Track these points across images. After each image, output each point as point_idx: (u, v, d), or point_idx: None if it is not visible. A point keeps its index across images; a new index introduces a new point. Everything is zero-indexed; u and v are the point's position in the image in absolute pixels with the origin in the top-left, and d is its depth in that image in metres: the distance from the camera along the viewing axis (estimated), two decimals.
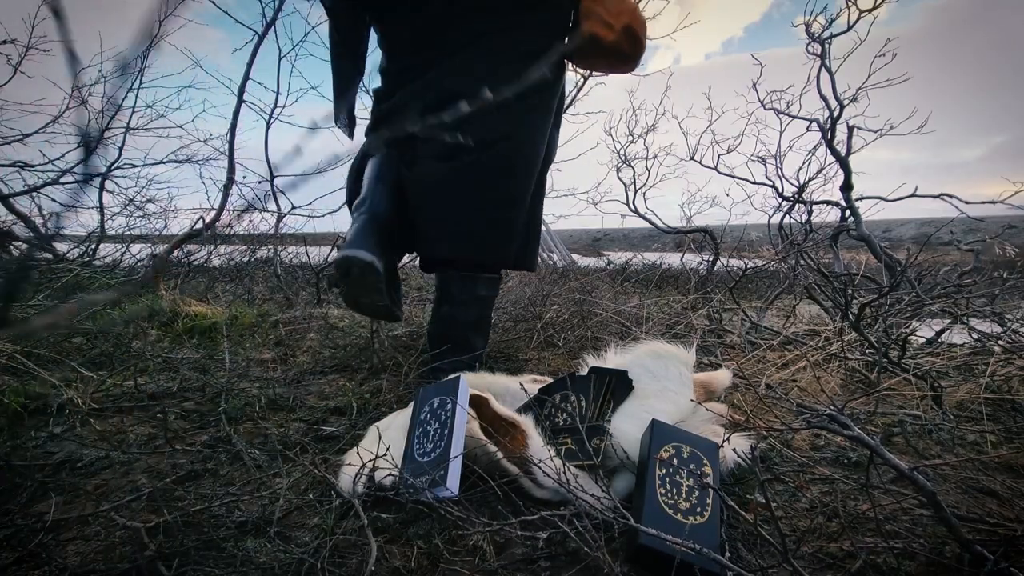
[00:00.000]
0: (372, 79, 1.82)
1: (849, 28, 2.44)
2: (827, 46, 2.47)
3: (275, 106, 3.00)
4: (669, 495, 0.80)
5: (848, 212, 2.57)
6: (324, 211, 3.40)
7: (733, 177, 3.37)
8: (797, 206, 3.06)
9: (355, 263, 1.22)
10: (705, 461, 0.86)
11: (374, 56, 1.57)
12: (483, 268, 1.45)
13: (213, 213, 2.52)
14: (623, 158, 3.88)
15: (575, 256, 6.95)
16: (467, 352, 1.51)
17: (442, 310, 1.49)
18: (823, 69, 2.50)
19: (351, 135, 1.59)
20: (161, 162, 3.55)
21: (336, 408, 1.34)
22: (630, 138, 3.90)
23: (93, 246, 3.21)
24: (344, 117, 1.55)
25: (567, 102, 3.42)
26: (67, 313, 0.27)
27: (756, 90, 2.89)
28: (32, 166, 3.17)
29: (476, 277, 1.45)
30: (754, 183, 3.31)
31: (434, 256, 1.47)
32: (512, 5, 1.25)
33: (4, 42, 2.93)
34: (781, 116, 2.90)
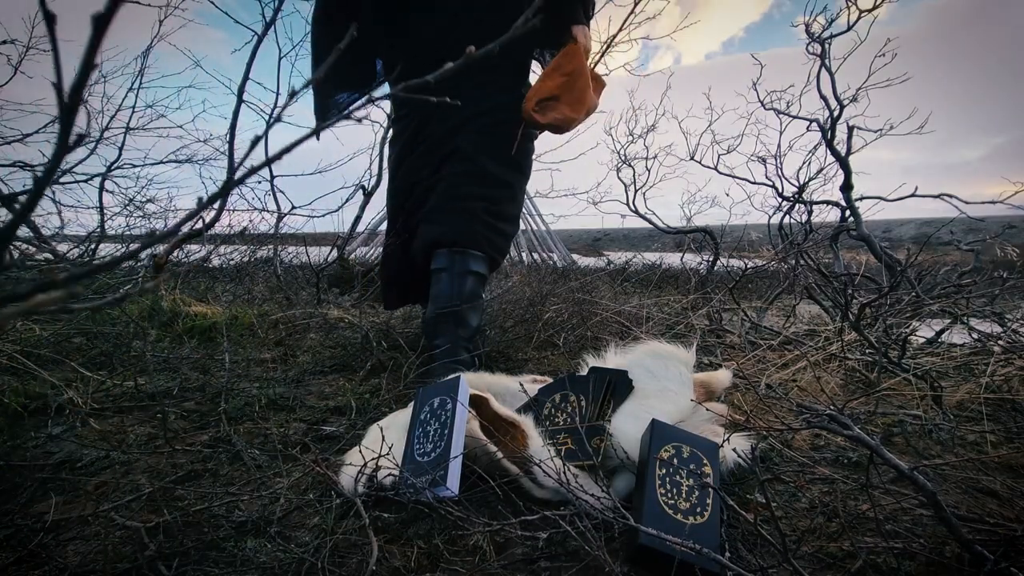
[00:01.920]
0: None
1: (849, 28, 2.44)
2: (827, 46, 2.47)
3: (275, 106, 3.00)
4: (669, 495, 0.80)
5: (848, 212, 2.57)
6: (324, 211, 3.40)
7: (733, 177, 3.37)
8: (797, 206, 3.06)
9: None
10: (705, 461, 0.86)
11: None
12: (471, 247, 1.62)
13: (213, 213, 2.51)
14: (623, 158, 3.88)
15: (575, 256, 6.96)
16: (463, 328, 1.57)
17: (436, 291, 1.60)
18: (823, 69, 2.50)
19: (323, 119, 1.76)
20: (161, 162, 3.54)
21: (336, 408, 1.34)
22: (630, 138, 3.90)
23: (93, 246, 3.20)
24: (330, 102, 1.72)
25: None
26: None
27: (756, 90, 2.89)
28: (32, 166, 3.16)
29: (466, 252, 1.60)
30: (754, 183, 3.30)
31: (432, 240, 1.63)
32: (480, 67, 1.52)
33: (4, 42, 2.93)
34: (781, 116, 2.90)
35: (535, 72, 1.80)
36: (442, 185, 1.63)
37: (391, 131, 1.86)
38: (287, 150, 0.36)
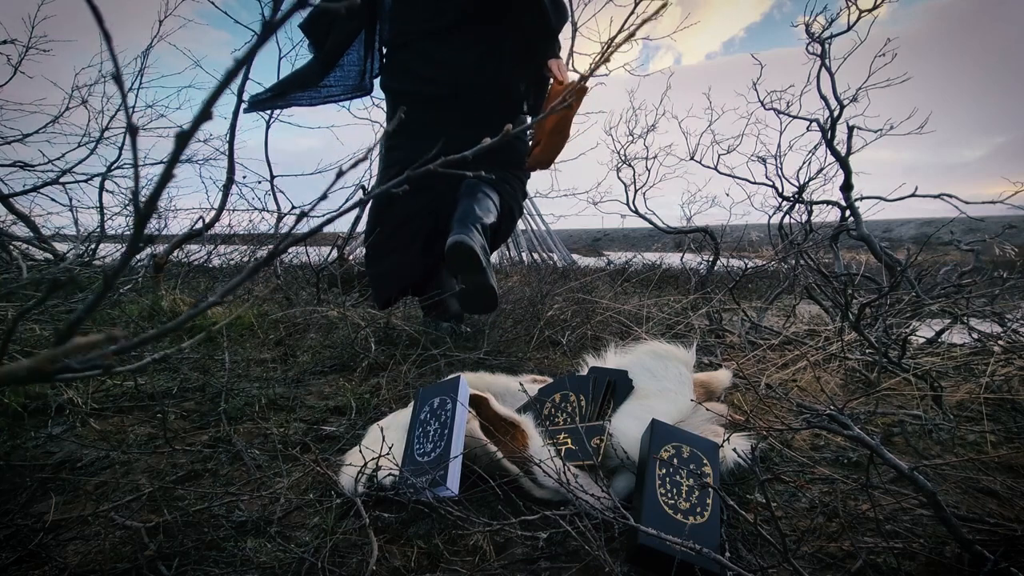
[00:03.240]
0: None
1: (849, 28, 2.44)
2: (827, 46, 2.46)
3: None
4: (669, 495, 0.80)
5: (848, 212, 2.56)
6: (324, 211, 3.40)
7: (733, 177, 3.36)
8: (797, 206, 3.05)
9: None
10: (705, 461, 0.86)
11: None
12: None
13: (213, 213, 2.51)
14: (623, 158, 3.87)
15: (575, 256, 6.95)
16: (475, 218, 1.75)
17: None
18: (823, 69, 2.49)
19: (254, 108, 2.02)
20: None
21: (336, 408, 1.34)
22: (630, 138, 3.89)
23: (93, 246, 3.21)
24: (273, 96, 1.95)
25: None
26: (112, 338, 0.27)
27: (756, 90, 2.88)
28: (32, 166, 3.16)
29: (487, 190, 1.87)
30: (754, 183, 3.29)
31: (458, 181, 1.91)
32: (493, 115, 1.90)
33: (4, 42, 2.93)
34: (781, 116, 2.89)
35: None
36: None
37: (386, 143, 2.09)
38: (339, 215, 0.38)
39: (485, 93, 1.86)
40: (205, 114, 0.28)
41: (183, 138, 0.28)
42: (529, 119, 2.14)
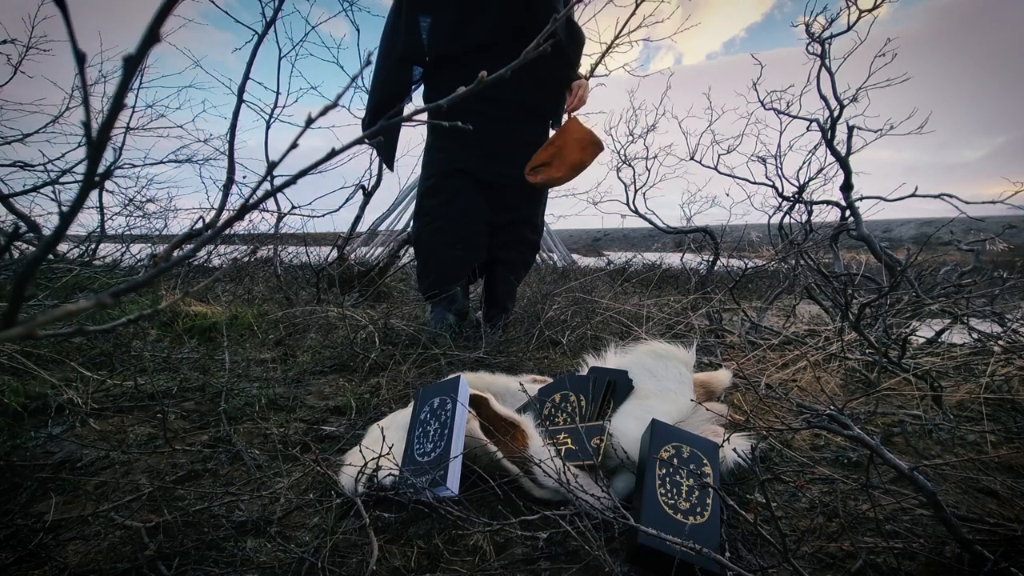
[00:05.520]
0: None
1: (849, 28, 2.44)
2: (827, 46, 2.46)
3: (275, 106, 2.99)
4: (669, 495, 0.80)
5: (848, 212, 2.56)
6: (324, 211, 3.39)
7: (733, 177, 3.36)
8: (797, 206, 3.05)
9: None
10: (705, 461, 0.86)
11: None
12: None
13: (213, 213, 2.51)
14: (623, 158, 3.87)
15: (575, 256, 6.96)
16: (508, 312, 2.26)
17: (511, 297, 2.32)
18: (823, 69, 2.50)
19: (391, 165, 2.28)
20: (161, 162, 3.55)
21: (336, 408, 1.34)
22: (630, 138, 3.89)
23: (93, 246, 3.21)
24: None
25: None
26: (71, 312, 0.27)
27: (756, 90, 2.88)
28: (32, 166, 3.16)
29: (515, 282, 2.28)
30: (754, 183, 3.29)
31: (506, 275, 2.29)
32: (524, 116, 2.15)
33: (4, 42, 2.93)
34: (781, 116, 2.89)
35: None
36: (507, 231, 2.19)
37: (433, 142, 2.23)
38: (305, 172, 0.37)
39: (515, 108, 2.08)
40: (152, 37, 0.28)
41: (131, 62, 0.28)
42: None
